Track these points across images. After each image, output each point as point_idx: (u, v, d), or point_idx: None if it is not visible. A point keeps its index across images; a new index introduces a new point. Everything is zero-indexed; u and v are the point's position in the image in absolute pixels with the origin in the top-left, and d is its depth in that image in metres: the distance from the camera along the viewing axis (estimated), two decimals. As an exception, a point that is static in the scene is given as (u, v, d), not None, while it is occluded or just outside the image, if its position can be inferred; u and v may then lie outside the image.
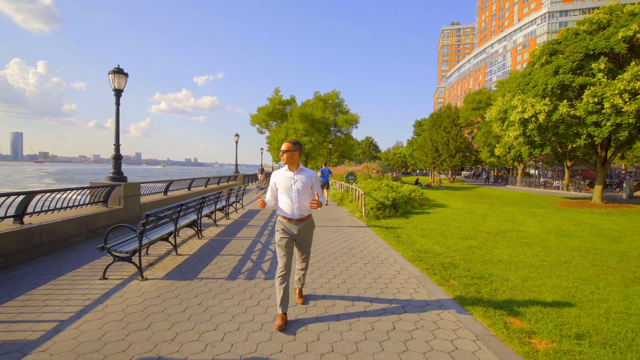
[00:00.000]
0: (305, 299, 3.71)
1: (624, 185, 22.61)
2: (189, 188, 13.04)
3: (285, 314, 3.19)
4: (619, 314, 3.60)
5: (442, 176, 49.52)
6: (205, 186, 15.08)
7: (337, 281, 4.43)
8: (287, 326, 3.13)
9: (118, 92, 7.99)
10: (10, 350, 2.63)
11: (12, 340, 2.79)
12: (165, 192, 10.93)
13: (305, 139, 30.63)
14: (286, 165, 3.35)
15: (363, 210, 10.46)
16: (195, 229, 6.90)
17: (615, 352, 2.80)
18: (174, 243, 5.59)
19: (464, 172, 60.01)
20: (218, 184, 17.84)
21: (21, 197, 5.23)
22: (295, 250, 3.44)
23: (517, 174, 35.86)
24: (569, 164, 26.83)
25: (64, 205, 6.39)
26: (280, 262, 3.26)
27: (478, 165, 52.53)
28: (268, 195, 3.43)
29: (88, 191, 7.10)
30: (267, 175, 23.91)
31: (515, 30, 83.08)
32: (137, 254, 4.39)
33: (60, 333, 2.92)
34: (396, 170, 74.43)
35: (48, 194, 5.90)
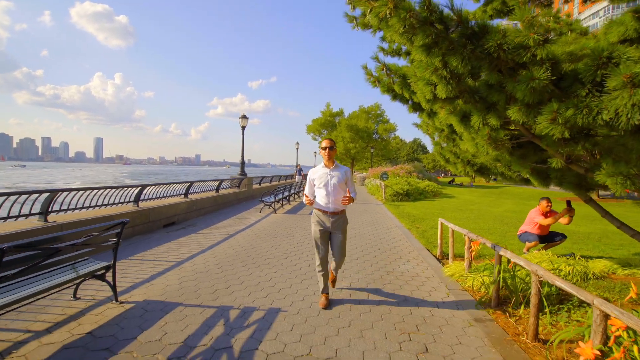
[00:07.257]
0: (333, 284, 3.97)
1: None
2: (270, 182, 19.82)
3: (327, 293, 3.65)
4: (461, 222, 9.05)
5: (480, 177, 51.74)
6: (279, 181, 21.85)
7: (357, 220, 10.36)
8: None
9: (243, 129, 14.75)
10: (242, 227, 9.03)
11: (244, 224, 9.22)
12: (260, 183, 17.73)
13: (351, 145, 36.75)
14: (322, 162, 3.60)
15: (383, 196, 16.14)
16: (287, 200, 13.30)
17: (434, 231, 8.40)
18: (282, 204, 12.00)
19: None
20: (285, 180, 24.63)
21: (217, 182, 11.96)
22: (330, 249, 3.60)
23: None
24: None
25: (223, 187, 13.18)
26: (318, 256, 3.55)
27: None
28: (307, 190, 3.66)
29: (229, 181, 13.95)
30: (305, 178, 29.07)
31: (574, 25, 79.55)
32: (273, 204, 10.79)
33: (254, 225, 9.30)
34: (446, 172, 76.49)
35: (209, 182, 12.66)
